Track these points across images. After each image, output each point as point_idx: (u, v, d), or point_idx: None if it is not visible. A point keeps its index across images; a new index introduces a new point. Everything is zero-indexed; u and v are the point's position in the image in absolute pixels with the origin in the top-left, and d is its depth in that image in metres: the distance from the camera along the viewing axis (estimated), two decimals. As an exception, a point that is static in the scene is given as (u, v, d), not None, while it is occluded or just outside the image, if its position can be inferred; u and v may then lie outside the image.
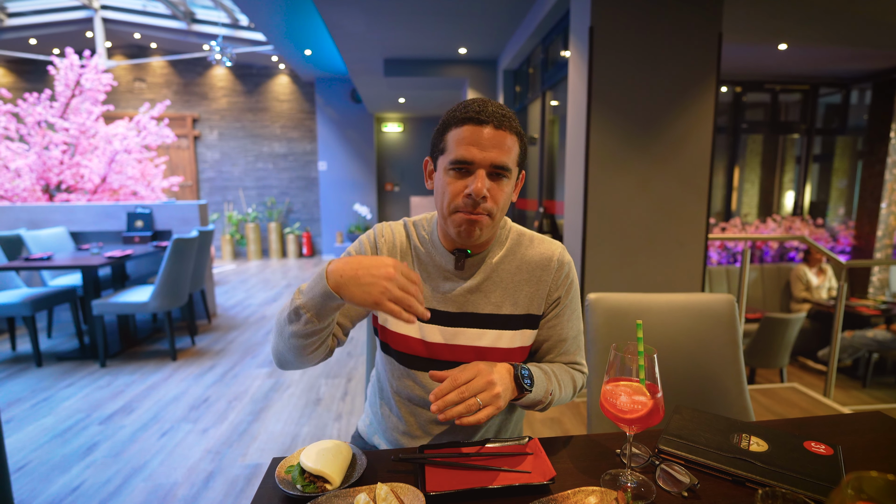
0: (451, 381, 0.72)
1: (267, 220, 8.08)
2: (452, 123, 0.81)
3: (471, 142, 0.79)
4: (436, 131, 0.85)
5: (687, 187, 2.51)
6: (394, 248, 0.92)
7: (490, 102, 0.81)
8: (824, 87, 5.20)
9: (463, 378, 0.72)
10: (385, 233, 0.93)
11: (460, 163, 0.79)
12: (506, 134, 0.79)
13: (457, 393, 0.70)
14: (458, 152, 0.79)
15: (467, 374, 0.73)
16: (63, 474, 1.94)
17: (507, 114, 0.81)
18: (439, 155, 0.84)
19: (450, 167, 0.81)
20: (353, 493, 0.67)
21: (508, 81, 4.86)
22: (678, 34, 2.38)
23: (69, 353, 3.31)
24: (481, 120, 0.78)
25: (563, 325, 0.92)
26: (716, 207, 5.41)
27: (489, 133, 0.78)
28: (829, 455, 0.76)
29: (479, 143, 0.78)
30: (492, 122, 0.78)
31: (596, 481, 0.73)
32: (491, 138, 0.78)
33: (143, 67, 7.68)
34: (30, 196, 5.08)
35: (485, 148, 0.78)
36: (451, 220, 0.82)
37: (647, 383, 0.69)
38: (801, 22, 3.41)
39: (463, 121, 0.79)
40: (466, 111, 0.79)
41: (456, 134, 0.80)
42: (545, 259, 0.91)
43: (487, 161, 0.79)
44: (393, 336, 0.91)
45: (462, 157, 0.79)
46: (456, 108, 0.82)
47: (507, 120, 0.80)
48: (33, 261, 3.05)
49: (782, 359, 3.35)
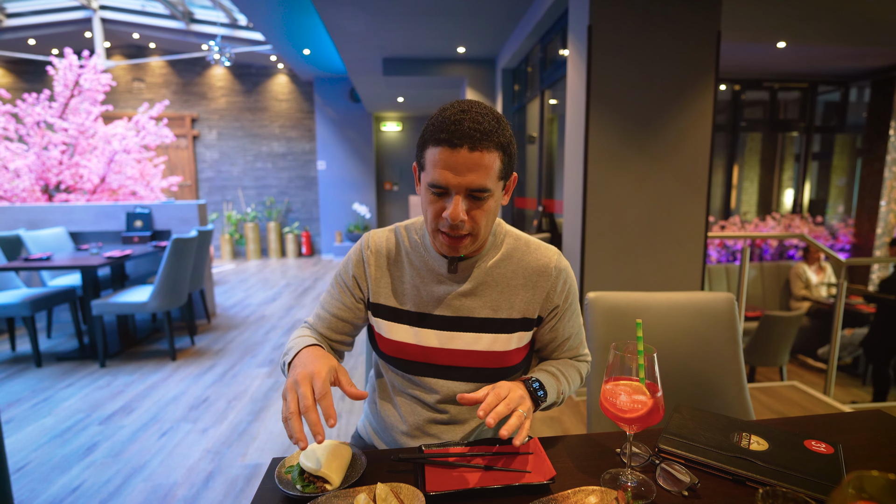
0: (496, 395, 0.73)
1: (266, 219, 8.07)
2: (429, 140, 0.76)
3: (445, 166, 0.74)
4: (419, 139, 0.80)
5: (686, 186, 2.51)
6: (381, 257, 0.92)
7: (468, 114, 0.74)
8: (823, 85, 5.21)
9: (504, 392, 0.75)
10: (372, 243, 0.92)
11: (436, 186, 0.76)
12: (483, 154, 0.74)
13: (504, 405, 0.72)
14: (433, 176, 0.76)
15: (503, 390, 0.75)
16: (63, 474, 1.94)
17: (487, 128, 0.74)
18: (421, 169, 0.81)
19: (428, 187, 0.78)
20: (352, 493, 0.67)
21: (507, 80, 4.86)
22: (677, 32, 2.38)
23: (69, 354, 3.31)
24: (454, 143, 0.73)
25: (565, 326, 0.94)
26: (715, 206, 5.41)
27: (464, 157, 0.73)
28: (829, 454, 0.76)
29: (454, 168, 0.74)
30: (466, 145, 0.73)
31: (596, 481, 0.73)
32: (466, 162, 0.74)
33: (142, 67, 7.66)
34: (29, 196, 5.07)
35: (459, 172, 0.74)
36: (433, 237, 0.82)
37: (646, 382, 0.69)
38: (800, 20, 3.41)
39: (437, 141, 0.75)
40: (441, 130, 0.74)
41: (431, 154, 0.76)
42: (542, 266, 0.89)
43: (463, 186, 0.75)
44: (388, 343, 0.91)
45: (436, 182, 0.76)
46: (433, 121, 0.77)
47: (485, 137, 0.74)
48: (32, 261, 3.05)
49: (782, 357, 3.35)
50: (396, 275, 0.91)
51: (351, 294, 0.93)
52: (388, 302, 0.91)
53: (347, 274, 0.93)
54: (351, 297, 0.93)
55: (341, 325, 0.93)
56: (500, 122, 0.77)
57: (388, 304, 0.91)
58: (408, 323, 0.89)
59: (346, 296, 0.93)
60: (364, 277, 0.92)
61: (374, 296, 0.91)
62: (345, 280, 0.93)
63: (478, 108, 0.76)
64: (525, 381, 0.83)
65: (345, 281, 0.93)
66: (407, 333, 0.89)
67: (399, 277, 0.91)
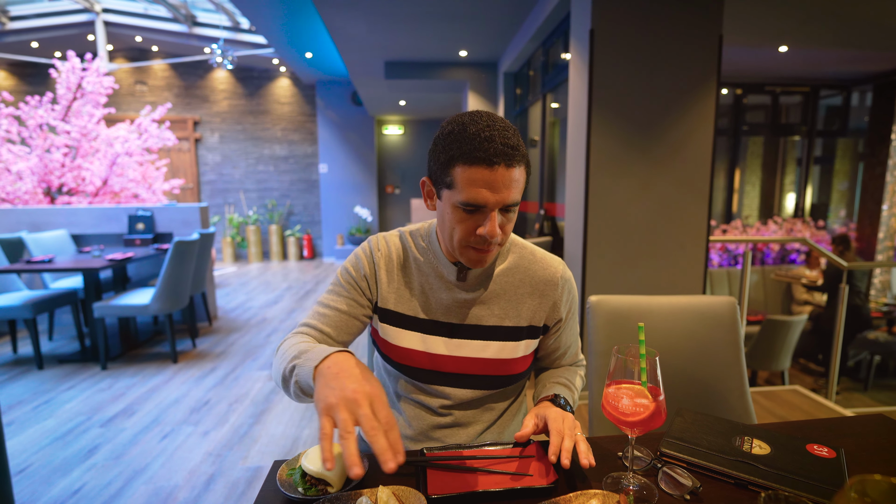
0: (558, 433, 0.74)
1: (268, 222, 8.09)
2: (459, 159, 0.74)
3: (482, 185, 0.74)
4: (436, 156, 0.78)
5: (688, 189, 2.51)
6: (390, 262, 0.90)
7: (497, 130, 0.74)
8: (825, 89, 5.21)
9: (560, 426, 0.76)
10: (381, 245, 0.91)
11: (472, 205, 0.75)
12: (515, 169, 0.75)
13: (569, 439, 0.73)
14: (469, 195, 0.75)
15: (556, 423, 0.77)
16: (64, 477, 1.94)
17: (514, 143, 0.74)
18: (444, 187, 0.78)
19: (460, 205, 0.76)
20: (354, 496, 0.67)
21: (509, 84, 4.87)
22: (679, 36, 2.38)
23: (70, 356, 3.31)
24: (492, 161, 0.73)
25: (568, 334, 0.97)
26: (717, 210, 5.41)
27: (501, 175, 0.74)
28: (832, 458, 0.76)
29: (491, 186, 0.74)
30: (503, 163, 0.73)
31: (598, 484, 0.73)
32: (503, 180, 0.74)
33: (145, 70, 7.70)
34: (31, 199, 5.09)
35: (497, 190, 0.74)
36: (461, 252, 0.81)
37: (649, 386, 0.69)
38: (802, 24, 3.42)
39: (472, 160, 0.73)
40: (474, 149, 0.73)
41: (464, 173, 0.74)
42: (550, 276, 0.91)
43: (500, 203, 0.75)
44: (395, 349, 0.89)
45: (474, 201, 0.75)
46: (461, 138, 0.74)
47: (516, 153, 0.74)
48: (35, 263, 3.06)
49: (784, 361, 3.34)
50: (405, 281, 0.90)
51: (362, 293, 0.89)
52: (396, 308, 0.89)
53: (359, 273, 0.89)
54: (362, 295, 0.89)
55: (350, 322, 0.88)
56: (518, 134, 0.77)
57: (397, 310, 0.89)
58: (416, 330, 0.89)
59: (356, 293, 0.89)
60: (374, 279, 0.90)
61: (381, 300, 0.90)
62: (355, 279, 0.89)
63: (500, 122, 0.76)
64: (553, 401, 0.85)
65: (355, 280, 0.89)
66: (415, 340, 0.88)
67: (407, 284, 0.90)
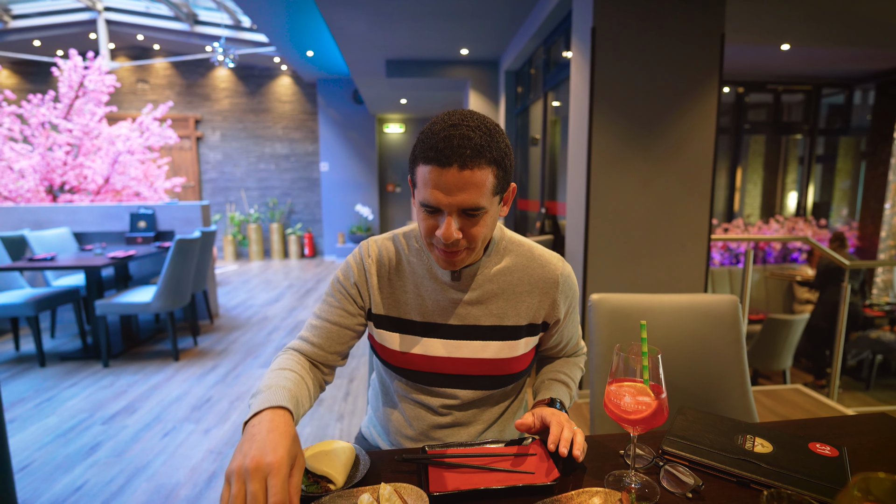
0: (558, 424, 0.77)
1: (269, 220, 8.10)
2: (420, 158, 0.73)
3: (435, 185, 0.71)
4: (410, 154, 0.77)
5: (689, 188, 2.50)
6: (382, 267, 0.89)
7: (458, 129, 0.71)
8: (827, 88, 5.19)
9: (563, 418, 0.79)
10: (372, 251, 0.89)
11: (427, 206, 0.74)
12: (474, 172, 0.70)
13: (568, 430, 0.75)
14: (424, 195, 0.73)
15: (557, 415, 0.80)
16: (66, 474, 1.95)
17: (478, 143, 0.70)
18: (413, 186, 0.78)
19: (420, 205, 0.76)
20: (356, 493, 0.67)
21: (510, 82, 4.86)
22: (680, 35, 2.38)
23: (72, 353, 3.32)
24: (442, 162, 0.70)
25: (569, 329, 0.96)
26: (718, 208, 5.40)
27: (454, 176, 0.70)
28: (834, 456, 0.76)
29: (444, 188, 0.71)
30: (455, 163, 0.69)
31: (599, 482, 0.72)
32: (456, 182, 0.70)
33: (146, 69, 7.70)
34: (33, 197, 5.10)
35: (450, 192, 0.71)
36: (429, 251, 0.81)
37: (651, 384, 0.69)
38: (805, 22, 3.41)
39: (426, 159, 0.71)
40: (430, 148, 0.71)
41: (422, 173, 0.73)
42: (549, 274, 0.89)
43: (454, 206, 0.72)
44: (393, 354, 0.89)
45: (427, 202, 0.73)
46: (424, 136, 0.73)
47: (476, 154, 0.70)
48: (37, 261, 3.06)
49: (785, 360, 3.34)
50: (399, 284, 0.89)
51: (353, 301, 0.89)
52: (391, 313, 0.88)
53: (349, 281, 0.89)
54: (353, 304, 0.89)
55: (342, 333, 0.88)
56: (492, 134, 0.73)
57: (392, 314, 0.88)
58: (413, 334, 0.88)
59: (347, 303, 0.88)
60: (366, 287, 0.88)
61: (375, 307, 0.89)
62: (345, 287, 0.89)
63: (469, 120, 0.73)
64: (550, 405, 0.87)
65: (346, 288, 0.89)
66: (412, 344, 0.87)
67: (402, 287, 0.89)
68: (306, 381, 0.80)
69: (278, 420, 0.63)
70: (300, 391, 0.75)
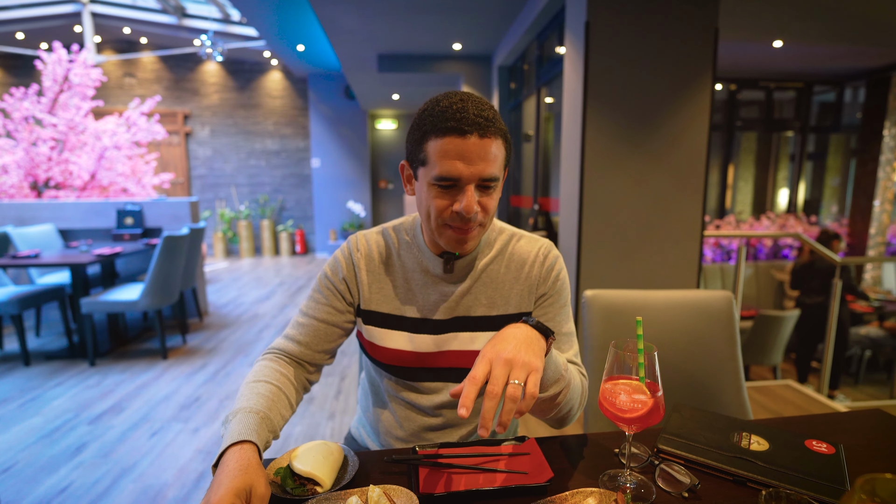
0: (472, 382, 0.59)
1: (259, 217, 8.02)
2: (431, 132, 0.72)
3: (455, 156, 0.71)
4: (411, 134, 0.76)
5: (682, 184, 2.50)
6: (371, 261, 0.87)
7: (469, 102, 0.72)
8: (819, 85, 5.22)
9: (481, 375, 0.60)
10: (361, 245, 0.87)
11: (445, 179, 0.72)
12: (491, 141, 0.72)
13: (488, 397, 0.58)
14: (442, 168, 0.72)
15: (481, 368, 0.60)
16: (51, 475, 1.91)
17: (490, 115, 0.72)
18: (419, 165, 0.76)
19: (434, 182, 0.73)
20: (344, 495, 0.65)
21: (503, 78, 4.84)
22: (675, 29, 2.37)
23: (58, 352, 3.26)
24: (464, 130, 0.70)
25: (553, 322, 0.85)
26: (710, 205, 5.43)
27: (474, 144, 0.71)
28: (831, 454, 0.74)
29: (465, 157, 0.71)
30: (475, 132, 0.70)
31: (594, 482, 0.71)
32: (476, 150, 0.71)
33: (133, 62, 7.57)
34: (17, 193, 5.00)
35: (471, 161, 0.71)
36: (439, 233, 0.78)
37: (647, 381, 0.67)
38: (798, 19, 3.42)
39: (443, 131, 0.71)
40: (446, 119, 0.70)
41: (437, 146, 0.72)
42: (530, 255, 0.87)
43: (475, 176, 0.72)
44: (382, 350, 0.86)
45: (447, 174, 0.72)
46: (432, 112, 0.72)
47: (491, 125, 0.72)
48: (21, 258, 3.00)
49: (776, 356, 3.36)
50: (389, 278, 0.87)
51: (341, 297, 0.86)
52: (380, 308, 0.86)
53: (337, 277, 0.87)
54: (341, 300, 0.86)
55: (329, 331, 0.86)
56: (496, 111, 0.75)
57: (381, 310, 0.86)
58: (402, 329, 0.86)
59: (335, 299, 0.86)
60: (355, 282, 0.87)
61: (365, 302, 0.87)
62: (333, 283, 0.87)
63: (475, 97, 0.74)
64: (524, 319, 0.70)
65: (334, 284, 0.87)
66: (401, 340, 0.85)
67: (392, 281, 0.87)
68: (284, 391, 0.78)
69: (235, 456, 0.62)
70: (274, 406, 0.74)
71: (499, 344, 0.64)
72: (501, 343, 0.64)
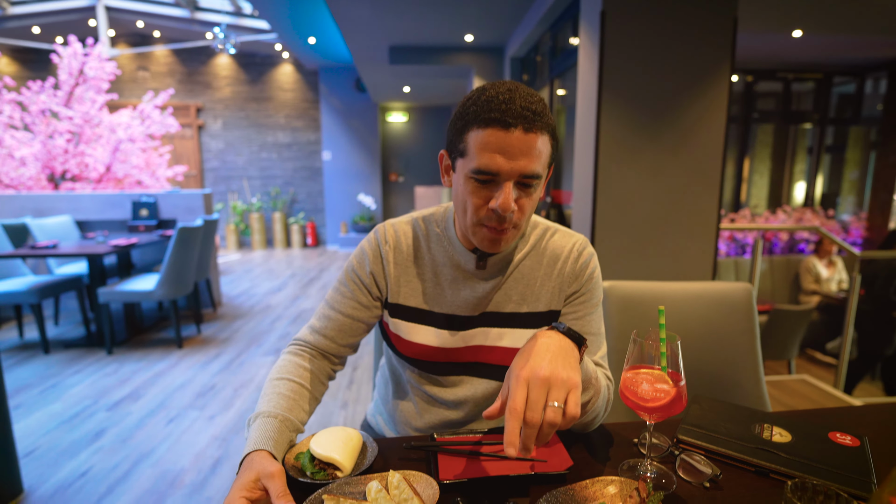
0: (514, 416, 0.56)
1: (271, 210, 8.07)
2: (473, 122, 0.68)
3: (496, 149, 0.67)
4: (453, 123, 0.72)
5: (698, 177, 2.46)
6: (400, 253, 0.84)
7: (517, 93, 0.68)
8: (838, 76, 5.10)
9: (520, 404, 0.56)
10: (389, 236, 0.85)
11: (484, 173, 0.69)
12: (536, 136, 0.67)
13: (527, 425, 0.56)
14: (482, 161, 0.68)
15: (520, 395, 0.57)
16: (71, 459, 1.95)
17: (539, 108, 0.68)
18: (458, 156, 0.72)
19: (472, 175, 0.70)
20: (364, 480, 0.65)
21: (516, 69, 4.79)
22: (692, 19, 2.32)
23: (76, 341, 3.32)
24: (508, 123, 0.66)
25: (582, 321, 0.83)
26: (725, 198, 5.35)
27: (518, 138, 0.67)
28: (855, 446, 0.73)
29: (506, 151, 0.67)
30: (521, 125, 0.66)
31: (614, 471, 0.71)
32: (519, 145, 0.67)
33: (147, 56, 7.63)
34: (35, 185, 5.08)
35: (512, 157, 0.67)
36: (473, 231, 0.75)
37: (669, 371, 0.67)
38: (818, 8, 3.33)
39: (486, 122, 0.67)
40: (490, 109, 0.67)
41: (478, 137, 0.68)
42: (564, 250, 0.84)
43: (516, 172, 0.68)
44: (408, 344, 0.85)
45: (486, 168, 0.68)
46: (477, 101, 0.68)
47: (538, 119, 0.67)
48: (39, 249, 3.05)
49: (791, 350, 3.32)
50: (418, 272, 0.84)
51: (368, 292, 0.84)
52: (408, 302, 0.84)
53: (364, 270, 0.84)
54: (367, 295, 0.84)
55: (354, 325, 0.85)
56: (545, 104, 0.70)
57: (410, 304, 0.84)
58: (431, 324, 0.84)
59: (361, 293, 0.84)
60: (383, 275, 0.84)
61: (392, 295, 0.85)
62: (360, 276, 0.84)
63: (525, 89, 0.69)
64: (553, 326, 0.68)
65: (360, 277, 0.84)
66: (429, 335, 0.84)
67: (420, 275, 0.84)
68: (307, 386, 0.80)
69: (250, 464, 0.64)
70: (296, 405, 0.76)
71: (532, 359, 0.60)
72: (536, 359, 0.60)
